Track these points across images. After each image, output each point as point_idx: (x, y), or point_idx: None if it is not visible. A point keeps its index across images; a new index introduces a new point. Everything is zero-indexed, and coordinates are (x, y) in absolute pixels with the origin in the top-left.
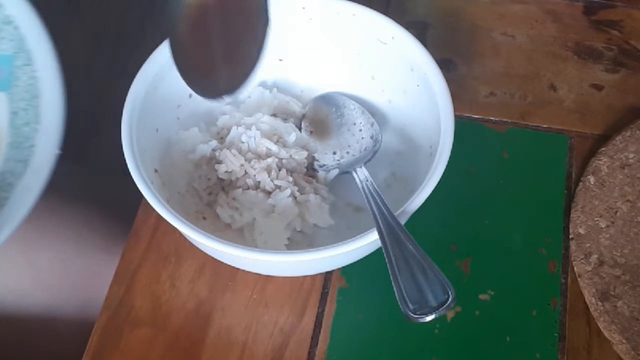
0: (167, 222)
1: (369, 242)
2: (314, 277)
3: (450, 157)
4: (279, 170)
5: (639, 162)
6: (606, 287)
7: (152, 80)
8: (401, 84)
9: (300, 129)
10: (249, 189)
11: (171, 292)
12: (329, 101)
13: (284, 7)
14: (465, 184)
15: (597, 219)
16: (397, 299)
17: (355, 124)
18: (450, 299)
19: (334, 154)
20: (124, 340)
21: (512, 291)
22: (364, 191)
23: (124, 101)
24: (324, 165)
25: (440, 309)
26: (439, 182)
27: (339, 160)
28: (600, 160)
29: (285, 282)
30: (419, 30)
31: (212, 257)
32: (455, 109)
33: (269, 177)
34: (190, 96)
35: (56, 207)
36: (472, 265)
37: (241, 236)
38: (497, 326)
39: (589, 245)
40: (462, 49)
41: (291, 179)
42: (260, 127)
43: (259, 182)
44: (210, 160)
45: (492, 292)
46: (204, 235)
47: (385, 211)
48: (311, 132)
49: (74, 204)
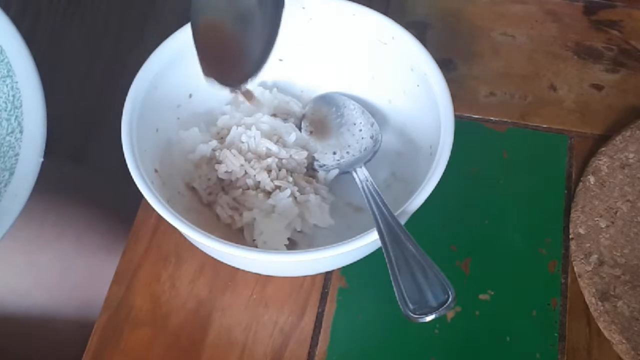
0: (167, 222)
1: (369, 242)
2: (314, 277)
3: (450, 157)
4: (279, 170)
5: (639, 162)
6: (606, 287)
7: (152, 80)
8: (401, 84)
9: (300, 129)
10: (249, 189)
11: (171, 292)
12: (329, 101)
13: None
14: (465, 184)
15: (597, 219)
16: (397, 299)
17: (355, 124)
18: (450, 299)
19: (334, 154)
20: (124, 340)
21: (512, 291)
22: (364, 191)
23: (124, 101)
24: (324, 165)
25: (440, 309)
26: (439, 182)
27: (339, 160)
28: (600, 160)
29: (285, 282)
30: (419, 30)
31: (212, 257)
32: (455, 109)
33: (269, 177)
34: (190, 96)
35: (56, 207)
36: (472, 265)
37: (241, 236)
38: (497, 326)
39: (589, 245)
40: (462, 49)
41: (291, 179)
42: (260, 127)
43: (259, 182)
44: (210, 160)
45: (492, 292)
46: (204, 235)
47: (385, 211)
48: (311, 132)
49: (74, 204)
